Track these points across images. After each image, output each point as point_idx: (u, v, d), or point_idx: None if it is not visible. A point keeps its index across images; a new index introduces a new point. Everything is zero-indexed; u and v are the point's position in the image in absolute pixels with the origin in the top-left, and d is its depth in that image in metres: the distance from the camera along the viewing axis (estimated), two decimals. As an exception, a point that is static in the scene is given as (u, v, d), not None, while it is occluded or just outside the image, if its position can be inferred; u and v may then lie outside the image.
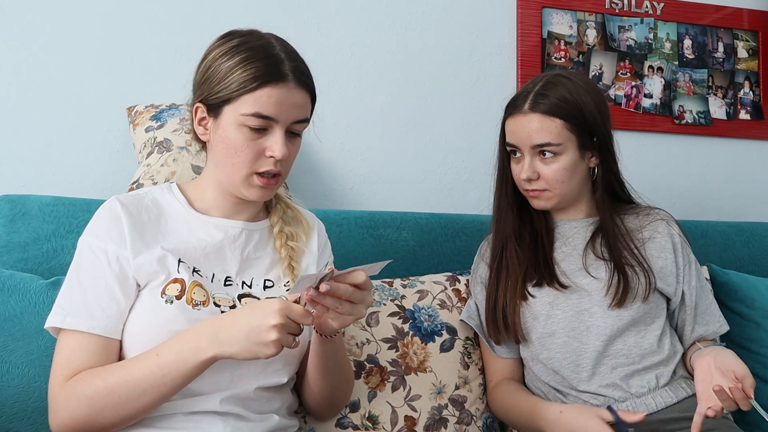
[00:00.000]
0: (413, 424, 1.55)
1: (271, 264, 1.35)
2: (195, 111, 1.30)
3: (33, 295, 1.46)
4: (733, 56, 2.45)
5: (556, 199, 1.57)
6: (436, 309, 1.68)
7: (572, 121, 1.52)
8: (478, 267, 1.68)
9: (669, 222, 1.63)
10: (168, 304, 1.22)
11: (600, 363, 1.51)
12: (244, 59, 1.23)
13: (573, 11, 2.30)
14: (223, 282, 1.29)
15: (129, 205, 1.28)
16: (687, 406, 1.48)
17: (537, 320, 1.56)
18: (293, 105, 1.25)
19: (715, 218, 2.33)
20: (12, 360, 1.39)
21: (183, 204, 1.33)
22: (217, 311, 1.24)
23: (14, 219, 1.58)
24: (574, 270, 1.57)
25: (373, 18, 2.14)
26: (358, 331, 1.59)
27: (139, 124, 1.79)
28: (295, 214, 1.43)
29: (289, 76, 1.24)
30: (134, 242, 1.25)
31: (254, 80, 1.22)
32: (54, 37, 1.89)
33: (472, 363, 1.66)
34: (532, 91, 1.55)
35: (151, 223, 1.28)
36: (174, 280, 1.24)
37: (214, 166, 1.31)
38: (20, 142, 1.85)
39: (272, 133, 1.25)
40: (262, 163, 1.26)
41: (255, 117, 1.22)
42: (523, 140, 1.55)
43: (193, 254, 1.28)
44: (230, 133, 1.25)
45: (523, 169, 1.55)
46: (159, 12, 1.97)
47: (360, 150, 2.12)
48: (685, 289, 1.58)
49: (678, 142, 2.39)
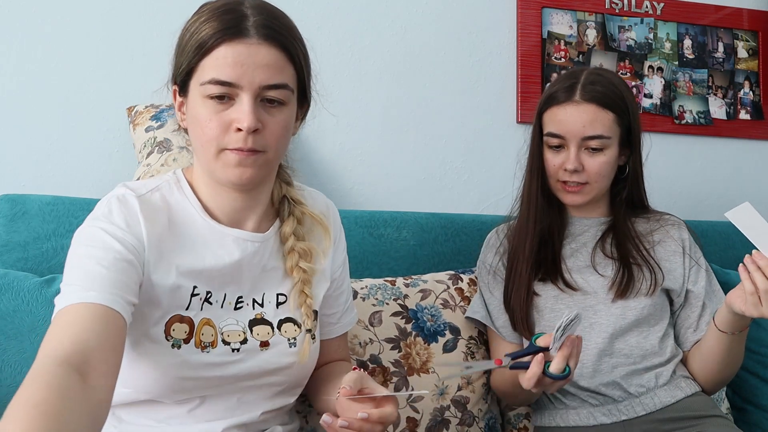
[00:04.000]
0: (415, 426, 1.55)
1: (284, 274, 1.22)
2: (174, 96, 1.16)
3: (26, 293, 1.45)
4: (733, 56, 2.45)
5: (592, 194, 1.56)
6: (439, 309, 1.68)
7: (621, 115, 1.53)
8: (487, 257, 1.67)
9: (680, 226, 1.64)
10: (175, 349, 1.10)
11: (601, 361, 1.51)
12: (203, 21, 1.08)
13: (573, 11, 2.30)
14: (234, 305, 1.17)
15: (146, 206, 1.12)
16: (686, 405, 1.49)
17: (541, 314, 1.56)
18: (257, 65, 1.06)
19: (715, 218, 2.32)
20: (5, 359, 1.39)
21: (197, 209, 1.16)
22: (228, 350, 1.14)
23: (14, 218, 1.58)
24: (581, 267, 1.58)
25: (373, 18, 2.14)
26: (361, 331, 1.59)
27: (139, 124, 1.79)
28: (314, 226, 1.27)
29: (250, 31, 1.06)
30: (151, 251, 1.09)
31: (208, 40, 1.05)
32: (54, 37, 1.89)
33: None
34: (580, 82, 1.53)
35: (164, 233, 1.12)
36: (181, 318, 1.12)
37: (195, 155, 1.16)
38: (20, 142, 1.85)
39: (239, 101, 1.07)
40: (231, 138, 1.07)
41: (213, 84, 1.05)
42: (574, 131, 1.52)
43: (208, 275, 1.14)
44: (196, 109, 1.09)
45: (570, 160, 1.52)
46: (159, 12, 1.97)
47: (360, 150, 2.12)
48: (691, 288, 1.58)
49: (678, 142, 2.39)
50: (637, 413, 1.49)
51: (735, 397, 1.86)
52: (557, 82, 1.58)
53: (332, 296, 1.33)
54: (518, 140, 1.65)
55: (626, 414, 1.49)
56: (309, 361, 1.25)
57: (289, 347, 1.21)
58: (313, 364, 1.28)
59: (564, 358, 1.25)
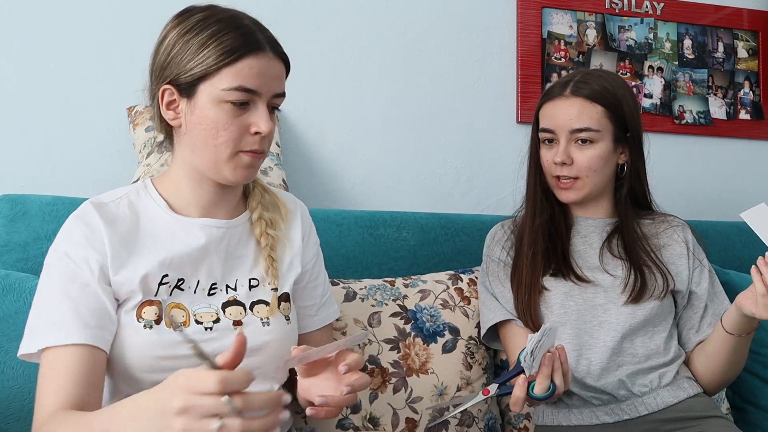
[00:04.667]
0: (414, 426, 1.55)
1: (255, 260, 1.29)
2: (162, 95, 1.20)
3: (28, 295, 1.44)
4: (733, 56, 2.45)
5: (585, 190, 1.57)
6: (439, 309, 1.67)
7: (611, 109, 1.54)
8: (494, 251, 1.66)
9: (684, 228, 1.65)
10: (147, 329, 1.16)
11: (608, 360, 1.51)
12: (216, 32, 1.16)
13: (573, 11, 2.30)
14: (208, 290, 1.23)
15: (105, 213, 1.20)
16: (688, 406, 1.49)
17: (550, 309, 1.55)
18: (274, 76, 1.18)
19: (715, 218, 2.33)
20: (6, 361, 1.38)
21: (162, 207, 1.24)
22: (200, 329, 1.19)
23: (14, 219, 1.58)
24: (590, 266, 1.58)
25: (373, 18, 2.14)
26: (359, 332, 1.59)
27: (139, 124, 1.79)
28: (273, 199, 1.36)
29: (266, 45, 1.17)
30: (115, 255, 1.17)
31: (233, 52, 1.14)
32: (54, 36, 1.89)
33: (476, 363, 1.65)
34: (572, 79, 1.57)
35: (130, 233, 1.20)
36: (149, 302, 1.18)
37: (190, 152, 1.21)
38: (20, 142, 1.85)
39: (255, 108, 1.17)
40: (247, 141, 1.18)
41: (238, 91, 1.15)
42: (562, 124, 1.55)
43: (179, 262, 1.21)
44: (209, 112, 1.16)
45: (558, 153, 1.55)
46: (159, 12, 1.96)
47: (360, 150, 2.12)
48: (694, 289, 1.59)
49: (678, 142, 2.39)
50: (640, 413, 1.49)
51: (735, 397, 1.86)
52: (555, 82, 1.61)
53: (306, 288, 1.38)
54: (518, 140, 1.66)
55: (628, 413, 1.49)
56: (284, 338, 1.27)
57: (263, 326, 1.25)
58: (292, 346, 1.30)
59: (546, 377, 1.26)
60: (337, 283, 1.64)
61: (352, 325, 1.60)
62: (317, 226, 1.45)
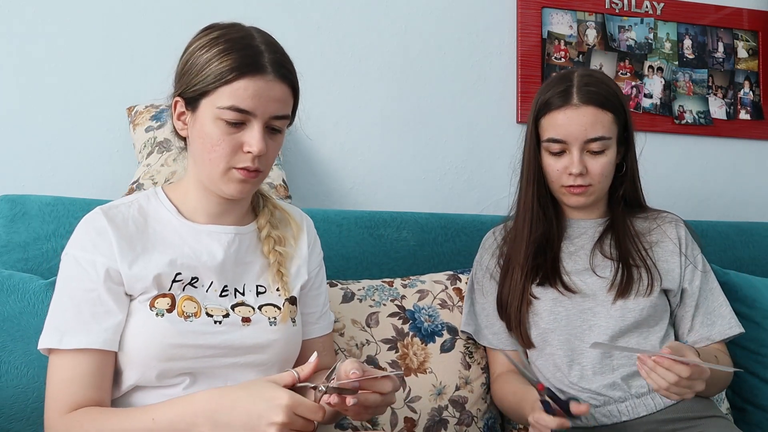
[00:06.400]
0: (413, 426, 1.55)
1: (262, 268, 1.33)
2: (174, 105, 1.26)
3: (32, 296, 1.45)
4: (733, 56, 2.45)
5: (596, 195, 1.57)
6: (437, 309, 1.68)
7: (618, 114, 1.53)
8: (483, 258, 1.67)
9: (677, 224, 1.63)
10: (159, 317, 1.20)
11: (602, 363, 1.51)
12: (221, 51, 1.20)
13: (573, 11, 2.30)
14: (220, 292, 1.27)
15: (114, 216, 1.25)
16: (686, 406, 1.48)
17: (539, 316, 1.55)
18: (271, 99, 1.20)
19: (715, 218, 2.33)
20: (11, 360, 1.38)
21: (172, 212, 1.29)
22: (210, 321, 1.23)
23: (14, 219, 1.58)
24: (579, 269, 1.57)
25: (373, 18, 2.14)
26: (357, 332, 1.59)
27: (139, 124, 1.79)
28: (283, 216, 1.40)
29: (268, 68, 1.19)
30: (124, 254, 1.22)
31: (230, 72, 1.18)
32: (54, 37, 1.89)
33: (474, 362, 1.65)
34: (574, 85, 1.52)
35: (139, 234, 1.25)
36: (163, 295, 1.22)
37: (194, 163, 1.27)
38: (20, 142, 1.85)
39: (250, 127, 1.20)
40: (240, 158, 1.21)
41: (231, 110, 1.18)
42: (576, 134, 1.51)
43: (189, 264, 1.25)
44: (207, 128, 1.20)
45: (574, 164, 1.51)
46: (159, 12, 1.97)
47: (360, 150, 2.12)
48: (686, 287, 1.58)
49: (678, 142, 2.39)
50: (639, 414, 1.48)
51: (735, 397, 1.86)
52: (549, 88, 1.56)
53: (310, 295, 1.41)
54: (518, 140, 1.65)
55: (627, 415, 1.49)
56: (289, 339, 1.30)
57: (270, 325, 1.28)
58: (296, 347, 1.34)
59: None
60: (335, 284, 1.64)
61: (349, 325, 1.60)
62: (317, 226, 1.46)
